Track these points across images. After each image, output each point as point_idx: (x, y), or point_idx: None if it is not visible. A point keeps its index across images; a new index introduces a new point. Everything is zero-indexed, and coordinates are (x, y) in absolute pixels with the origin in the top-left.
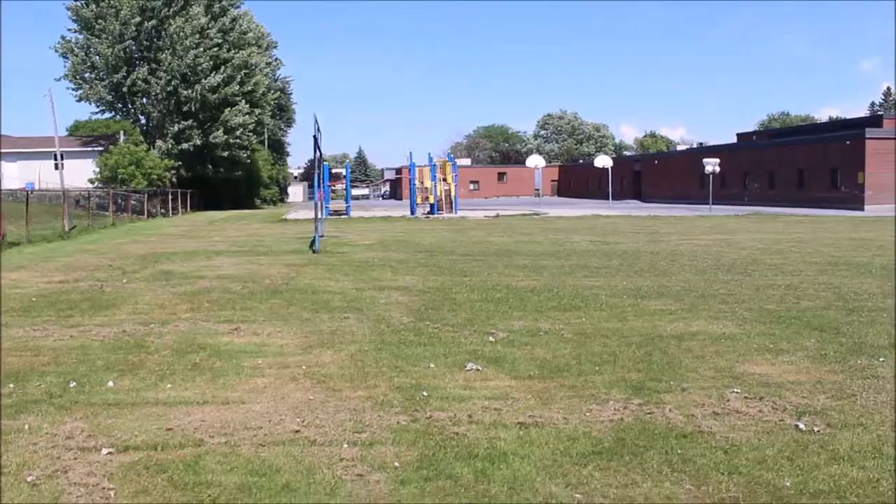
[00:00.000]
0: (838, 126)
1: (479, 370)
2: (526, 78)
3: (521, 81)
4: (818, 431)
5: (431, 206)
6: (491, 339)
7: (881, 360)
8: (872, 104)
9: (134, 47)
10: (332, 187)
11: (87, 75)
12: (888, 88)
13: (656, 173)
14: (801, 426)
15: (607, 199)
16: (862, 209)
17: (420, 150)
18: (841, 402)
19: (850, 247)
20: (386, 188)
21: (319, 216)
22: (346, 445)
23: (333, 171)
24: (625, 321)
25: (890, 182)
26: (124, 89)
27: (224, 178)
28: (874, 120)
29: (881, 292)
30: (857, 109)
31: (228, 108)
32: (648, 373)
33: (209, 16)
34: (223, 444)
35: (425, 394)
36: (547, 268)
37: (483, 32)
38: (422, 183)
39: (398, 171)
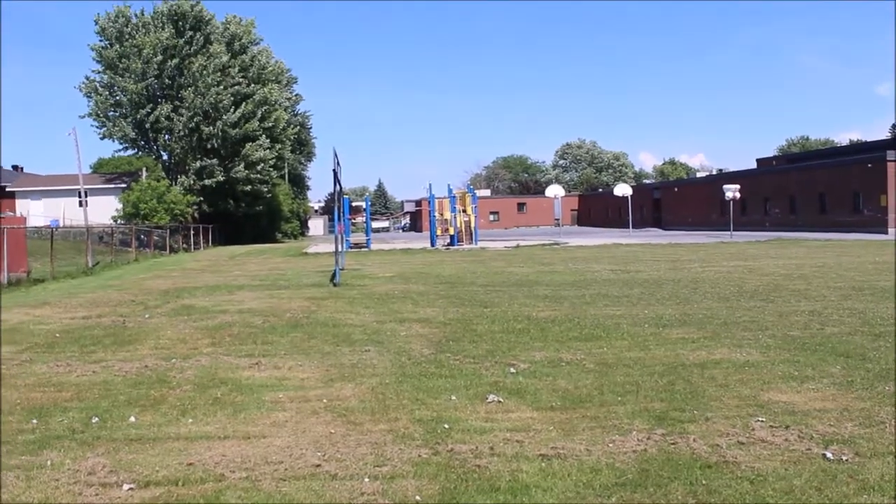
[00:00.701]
0: (859, 149)
1: (500, 402)
2: (544, 108)
3: (539, 111)
4: (846, 460)
5: (451, 237)
6: (512, 370)
7: None
8: (893, 126)
9: (156, 85)
10: (353, 220)
11: (110, 113)
12: None
13: (676, 201)
14: (829, 455)
15: (628, 227)
16: (885, 232)
17: (440, 182)
18: (869, 430)
19: (875, 271)
20: (406, 220)
21: (340, 249)
22: (367, 479)
23: (353, 204)
24: (647, 350)
25: None
26: (147, 126)
27: (245, 213)
28: (895, 142)
29: None
30: (878, 132)
31: (249, 143)
32: (672, 402)
33: (230, 53)
34: (244, 479)
35: (447, 426)
36: (568, 298)
37: (501, 63)
38: (441, 215)
39: (418, 203)
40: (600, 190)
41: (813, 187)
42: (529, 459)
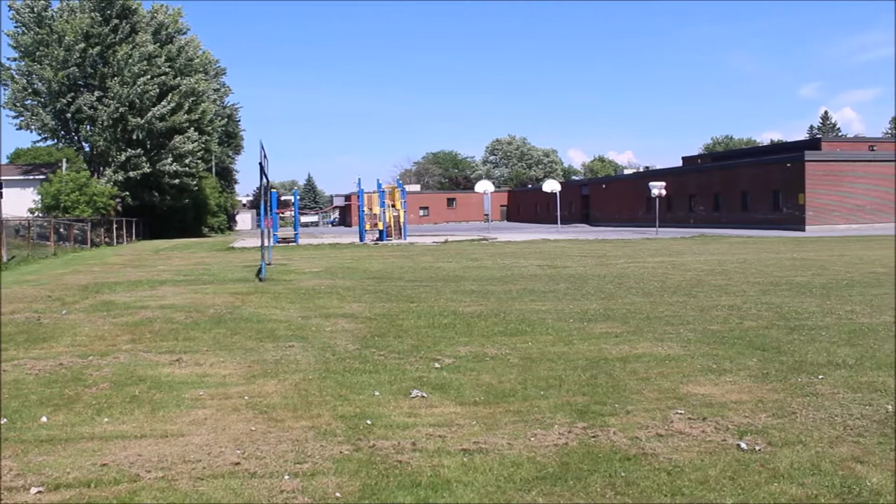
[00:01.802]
0: (779, 149)
1: (424, 397)
2: (475, 104)
3: (469, 107)
4: (759, 450)
5: (380, 232)
6: (437, 365)
7: (820, 377)
8: (811, 127)
9: (78, 73)
10: (281, 214)
11: (28, 102)
12: (826, 112)
13: (604, 197)
14: (743, 445)
15: (556, 223)
16: (803, 230)
17: (369, 177)
18: (781, 421)
19: (792, 267)
20: (335, 215)
21: (266, 244)
22: (287, 477)
23: (282, 198)
24: (571, 345)
25: (828, 203)
26: (68, 116)
27: (171, 206)
28: (813, 143)
29: (821, 311)
30: (798, 132)
31: (178, 136)
32: (593, 396)
33: (157, 43)
34: (160, 479)
35: (369, 422)
36: (494, 293)
37: (431, 59)
38: (371, 209)
39: (347, 197)
40: (529, 186)
41: (736, 185)
42: (451, 454)
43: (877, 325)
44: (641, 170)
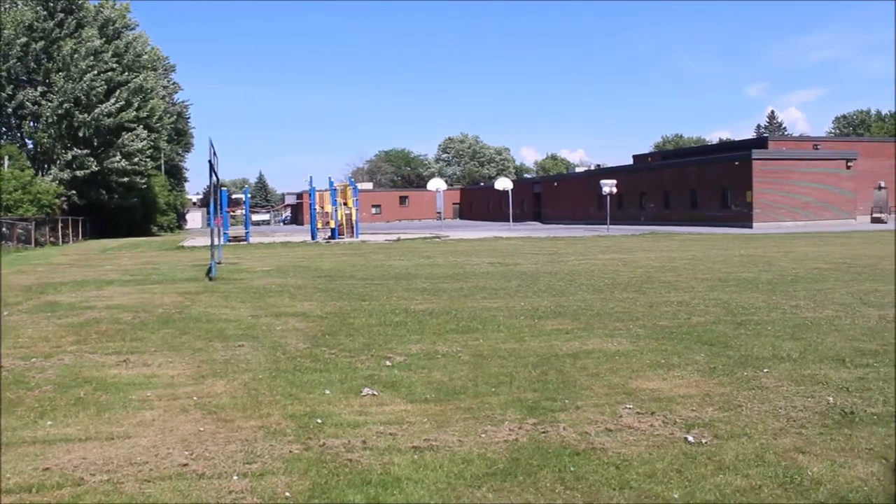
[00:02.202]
0: (727, 147)
1: (374, 395)
2: (427, 102)
3: (422, 106)
4: (706, 443)
5: (332, 230)
6: (388, 363)
7: (765, 371)
8: (758, 126)
9: (20, 68)
10: (232, 213)
11: None
12: (772, 112)
13: (556, 195)
14: (690, 439)
15: (508, 221)
16: (751, 227)
17: (321, 175)
18: (728, 414)
19: (739, 263)
20: (287, 213)
21: (216, 242)
22: (235, 477)
23: (233, 196)
24: (522, 342)
25: (775, 200)
26: (9, 111)
27: (119, 205)
28: (760, 142)
29: (766, 306)
30: (745, 131)
31: (126, 133)
32: (544, 392)
33: (103, 38)
34: (105, 482)
35: (319, 421)
36: (446, 290)
37: (384, 57)
38: (323, 208)
39: (299, 196)
40: (482, 184)
41: (685, 183)
42: (402, 452)
43: (820, 320)
44: (593, 168)
